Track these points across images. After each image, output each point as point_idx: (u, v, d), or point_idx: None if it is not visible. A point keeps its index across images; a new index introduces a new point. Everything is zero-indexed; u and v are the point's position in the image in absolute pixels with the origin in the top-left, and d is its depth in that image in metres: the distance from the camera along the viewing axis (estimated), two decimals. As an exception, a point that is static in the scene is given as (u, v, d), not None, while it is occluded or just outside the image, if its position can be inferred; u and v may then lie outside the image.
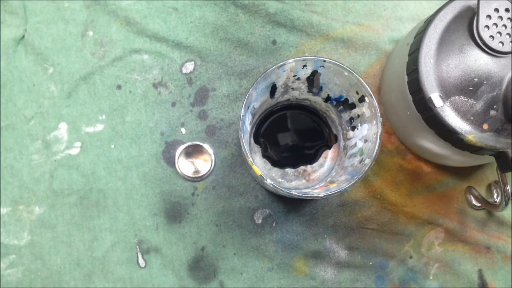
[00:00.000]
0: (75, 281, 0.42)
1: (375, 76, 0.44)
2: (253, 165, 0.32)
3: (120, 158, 0.42)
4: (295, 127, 0.43)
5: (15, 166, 0.42)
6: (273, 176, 0.42)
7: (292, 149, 0.43)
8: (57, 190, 0.42)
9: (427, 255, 0.43)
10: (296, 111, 0.43)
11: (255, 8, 0.43)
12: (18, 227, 0.42)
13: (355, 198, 0.43)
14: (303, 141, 0.43)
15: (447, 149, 0.37)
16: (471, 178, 0.44)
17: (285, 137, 0.43)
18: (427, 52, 0.35)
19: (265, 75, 0.33)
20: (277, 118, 0.43)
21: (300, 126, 0.43)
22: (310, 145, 0.43)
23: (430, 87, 0.34)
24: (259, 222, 0.42)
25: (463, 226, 0.43)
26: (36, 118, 0.42)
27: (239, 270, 0.42)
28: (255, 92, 0.34)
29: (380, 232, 0.43)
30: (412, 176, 0.43)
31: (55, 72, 0.43)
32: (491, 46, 0.34)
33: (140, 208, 0.42)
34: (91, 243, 0.42)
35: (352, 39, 0.44)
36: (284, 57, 0.43)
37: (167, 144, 0.43)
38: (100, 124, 0.43)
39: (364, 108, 0.35)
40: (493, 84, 0.34)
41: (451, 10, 0.35)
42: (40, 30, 0.43)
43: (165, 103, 0.43)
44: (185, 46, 0.43)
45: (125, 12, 0.43)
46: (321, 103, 0.41)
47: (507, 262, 0.43)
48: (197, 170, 0.42)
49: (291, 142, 0.43)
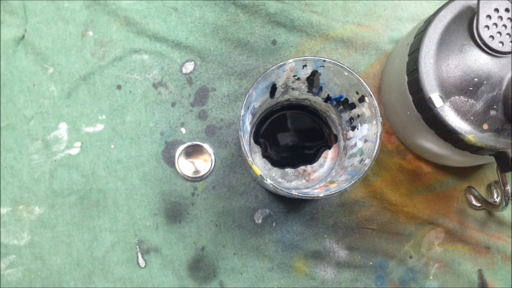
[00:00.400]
0: (75, 281, 0.42)
1: (375, 76, 0.44)
2: (253, 165, 0.32)
3: (120, 158, 0.42)
4: (295, 127, 0.43)
5: (15, 166, 0.42)
6: (273, 176, 0.42)
7: (292, 149, 0.43)
8: (57, 190, 0.42)
9: (427, 255, 0.43)
10: (296, 111, 0.43)
11: (255, 8, 0.43)
12: (18, 227, 0.42)
13: (355, 198, 0.43)
14: (303, 141, 0.43)
15: (447, 149, 0.37)
16: (471, 178, 0.44)
17: (285, 137, 0.43)
18: (427, 52, 0.35)
19: (265, 75, 0.33)
20: (277, 118, 0.43)
21: (300, 126, 0.43)
22: (310, 145, 0.43)
23: (430, 87, 0.34)
24: (259, 222, 0.42)
25: (463, 226, 0.43)
26: (36, 118, 0.42)
27: (239, 270, 0.42)
28: (255, 92, 0.34)
29: (380, 232, 0.43)
30: (412, 176, 0.43)
31: (55, 72, 0.43)
32: (491, 46, 0.34)
33: (140, 208, 0.42)
34: (91, 243, 0.42)
35: (352, 39, 0.44)
36: (284, 57, 0.43)
37: (167, 144, 0.43)
38: (100, 124, 0.43)
39: (364, 108, 0.35)
40: (493, 84, 0.34)
41: (451, 10, 0.35)
42: (40, 30, 0.43)
43: (165, 103, 0.43)
44: (185, 46, 0.43)
45: (125, 12, 0.43)
46: (321, 103, 0.41)
47: (507, 262, 0.43)
48: (197, 170, 0.42)
49: (291, 142, 0.43)
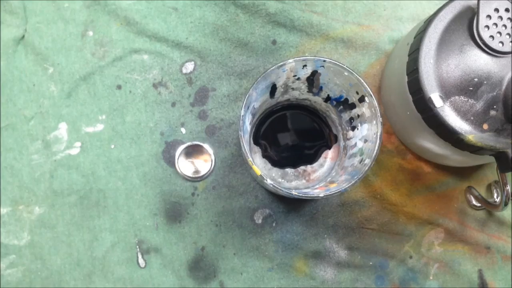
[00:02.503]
0: (75, 281, 0.42)
1: (375, 76, 0.44)
2: (253, 165, 0.32)
3: (120, 158, 0.42)
4: (295, 127, 0.43)
5: (15, 166, 0.42)
6: (273, 176, 0.42)
7: (292, 149, 0.43)
8: (57, 190, 0.42)
9: (427, 255, 0.43)
10: (296, 111, 0.43)
11: (255, 8, 0.43)
12: (18, 227, 0.42)
13: (355, 198, 0.43)
14: (303, 141, 0.43)
15: (447, 149, 0.37)
16: (471, 178, 0.44)
17: (285, 137, 0.43)
18: (427, 52, 0.35)
19: (265, 75, 0.33)
20: (277, 118, 0.43)
21: (300, 126, 0.43)
22: (310, 145, 0.43)
23: (430, 87, 0.34)
24: (259, 222, 0.42)
25: (463, 226, 0.43)
26: (36, 118, 0.42)
27: (239, 270, 0.42)
28: (255, 92, 0.34)
29: (380, 232, 0.43)
30: (412, 176, 0.43)
31: (55, 72, 0.43)
32: (491, 46, 0.34)
33: (140, 208, 0.42)
34: (91, 243, 0.42)
35: (352, 39, 0.44)
36: (284, 57, 0.43)
37: (167, 144, 0.43)
38: (100, 124, 0.43)
39: (364, 108, 0.35)
40: (493, 84, 0.34)
41: (451, 10, 0.35)
42: (40, 30, 0.43)
43: (165, 103, 0.43)
44: (185, 46, 0.43)
45: (125, 12, 0.43)
46: (321, 103, 0.41)
47: (507, 262, 0.43)
48: (197, 170, 0.42)
49: (291, 142, 0.43)
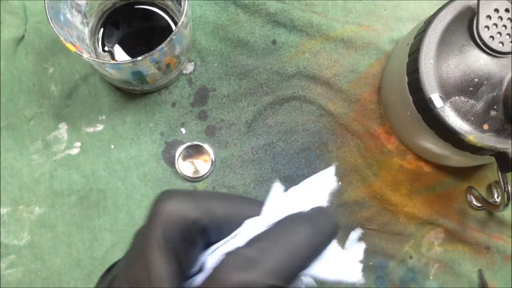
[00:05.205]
0: (75, 281, 0.42)
1: (375, 76, 0.44)
2: (66, 43, 0.30)
3: (120, 158, 0.42)
4: (142, 26, 0.42)
5: (15, 166, 0.42)
6: None
7: (146, 48, 0.41)
8: (57, 190, 0.42)
9: (427, 255, 0.43)
10: (136, 7, 0.42)
11: (255, 7, 0.43)
12: (18, 227, 0.42)
13: (355, 198, 0.43)
14: (152, 37, 0.42)
15: (447, 149, 0.37)
16: (471, 178, 0.43)
17: (134, 38, 0.42)
18: (427, 53, 0.35)
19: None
20: (119, 19, 0.41)
21: (146, 24, 0.42)
22: (162, 40, 0.39)
23: (430, 87, 0.34)
24: (259, 222, 0.42)
25: (463, 226, 0.43)
26: (36, 118, 0.42)
27: (239, 270, 0.42)
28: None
29: (380, 232, 0.43)
30: (412, 176, 0.43)
31: (55, 72, 0.43)
32: (491, 47, 0.34)
33: (140, 208, 0.42)
34: (91, 243, 0.42)
35: (352, 39, 0.44)
36: (284, 57, 0.43)
37: (167, 144, 0.43)
38: (100, 124, 0.43)
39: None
40: (493, 84, 0.34)
41: (451, 10, 0.35)
42: (40, 30, 0.43)
43: (165, 103, 0.43)
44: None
45: (125, 12, 0.43)
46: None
47: (507, 262, 0.43)
48: (197, 170, 0.42)
49: (142, 41, 0.42)
